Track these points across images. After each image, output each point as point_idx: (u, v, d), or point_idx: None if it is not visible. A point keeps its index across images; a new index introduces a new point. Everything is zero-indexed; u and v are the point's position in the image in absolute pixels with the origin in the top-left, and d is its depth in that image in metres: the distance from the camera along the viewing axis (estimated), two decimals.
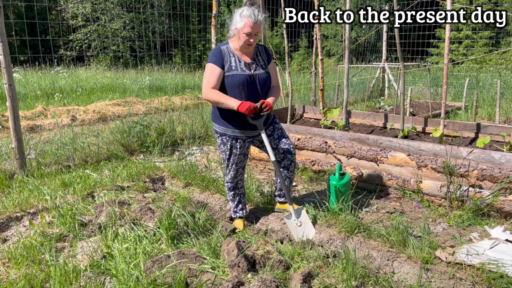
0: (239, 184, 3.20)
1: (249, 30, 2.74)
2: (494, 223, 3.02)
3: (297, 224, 2.93)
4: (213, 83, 2.83)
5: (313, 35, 5.88)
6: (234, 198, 3.22)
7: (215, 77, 2.83)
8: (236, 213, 3.24)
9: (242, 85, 2.86)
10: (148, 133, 5.30)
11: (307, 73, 15.54)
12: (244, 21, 2.73)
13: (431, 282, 2.36)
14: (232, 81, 2.85)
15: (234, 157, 3.03)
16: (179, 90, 11.09)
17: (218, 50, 2.89)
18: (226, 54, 2.88)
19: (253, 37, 2.80)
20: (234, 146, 3.00)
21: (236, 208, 3.24)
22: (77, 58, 18.84)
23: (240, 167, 3.10)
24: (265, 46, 3.08)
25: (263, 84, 2.95)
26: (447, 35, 3.93)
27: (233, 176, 3.11)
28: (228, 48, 2.91)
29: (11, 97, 4.09)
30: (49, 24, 17.89)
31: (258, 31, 2.79)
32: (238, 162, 3.06)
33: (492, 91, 8.85)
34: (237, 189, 3.20)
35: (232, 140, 2.99)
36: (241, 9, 2.79)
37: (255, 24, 2.74)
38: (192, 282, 2.42)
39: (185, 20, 21.25)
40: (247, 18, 2.73)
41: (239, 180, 3.18)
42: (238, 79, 2.84)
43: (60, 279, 2.34)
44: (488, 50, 17.48)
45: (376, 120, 5.11)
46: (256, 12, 2.74)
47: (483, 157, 3.14)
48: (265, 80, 2.96)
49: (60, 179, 4.02)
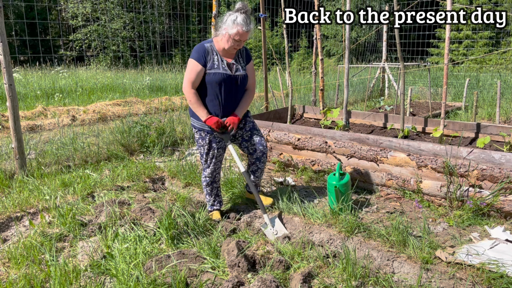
0: (216, 178, 3.32)
1: (239, 37, 2.89)
2: (494, 223, 3.02)
3: (274, 233, 3.03)
4: (192, 78, 2.97)
5: (313, 35, 5.88)
6: (211, 193, 3.33)
7: (195, 73, 2.97)
8: (213, 207, 3.37)
9: (222, 84, 3.00)
10: (148, 133, 5.31)
11: (307, 73, 15.54)
12: (237, 29, 2.87)
13: (431, 282, 2.36)
14: (213, 78, 2.98)
15: (213, 151, 3.16)
16: (179, 90, 11.10)
17: (202, 47, 3.00)
18: (209, 52, 3.01)
19: (241, 44, 2.96)
20: (213, 140, 3.13)
21: (214, 202, 3.36)
22: (77, 58, 18.85)
23: (219, 161, 3.24)
24: (245, 47, 3.22)
25: (241, 85, 3.11)
26: (447, 35, 3.93)
27: (212, 170, 3.24)
28: (212, 47, 3.03)
29: (11, 97, 4.09)
30: (49, 24, 17.89)
31: (246, 38, 2.95)
32: (217, 156, 3.19)
33: (492, 91, 8.85)
34: (214, 183, 3.31)
35: (210, 135, 3.11)
36: (234, 15, 2.90)
37: (246, 33, 2.90)
38: (192, 282, 2.42)
39: (185, 20, 21.24)
40: (241, 26, 2.86)
41: (217, 173, 3.30)
42: (219, 77, 2.98)
43: (60, 279, 2.34)
44: (488, 50, 17.48)
45: (376, 120, 5.11)
46: (249, 21, 2.90)
47: (483, 157, 3.15)
48: (244, 81, 3.13)
49: (60, 179, 4.02)
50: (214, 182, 3.30)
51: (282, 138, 4.34)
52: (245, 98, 3.20)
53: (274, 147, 4.47)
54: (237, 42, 2.92)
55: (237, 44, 2.94)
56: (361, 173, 3.79)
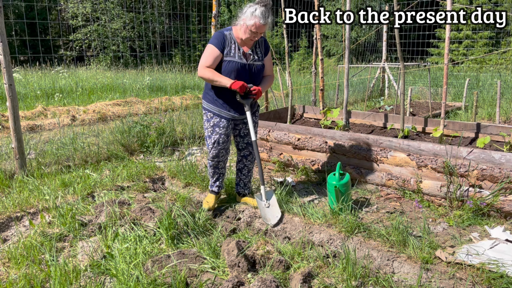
0: (220, 165, 3.40)
1: (257, 29, 2.96)
2: (494, 223, 3.02)
3: (266, 205, 3.07)
4: (209, 62, 3.02)
5: (313, 35, 5.88)
6: (213, 175, 3.45)
7: (212, 58, 3.02)
8: (212, 187, 3.49)
9: (236, 72, 3.07)
10: (148, 133, 5.30)
11: (307, 73, 15.54)
12: (255, 21, 2.92)
13: (431, 282, 2.36)
14: (228, 66, 3.05)
15: (216, 135, 3.23)
16: (179, 90, 11.10)
17: (221, 34, 3.07)
18: (228, 40, 3.07)
19: (257, 35, 3.01)
20: (217, 124, 3.21)
21: (213, 182, 3.48)
22: (77, 58, 18.84)
23: (223, 149, 3.29)
24: (265, 38, 3.26)
25: (256, 74, 3.16)
26: (447, 35, 3.93)
27: (214, 155, 3.31)
28: (231, 35, 3.09)
29: (11, 97, 4.09)
30: (49, 24, 17.89)
31: (263, 31, 3.00)
32: (221, 142, 3.25)
33: (492, 91, 8.85)
34: (217, 168, 3.41)
35: (216, 118, 3.20)
36: (254, 7, 2.95)
37: (263, 26, 2.95)
38: (192, 282, 2.42)
39: (185, 20, 21.24)
40: (258, 18, 2.92)
41: (221, 161, 3.37)
42: (234, 66, 3.05)
43: (60, 279, 2.34)
44: (488, 50, 17.48)
45: (376, 120, 5.11)
46: (267, 15, 2.95)
47: (483, 157, 3.15)
48: (259, 71, 3.18)
49: (60, 179, 4.02)
50: (217, 167, 3.40)
51: (282, 138, 4.34)
52: (265, 79, 3.28)
53: (274, 147, 4.47)
54: (253, 33, 2.98)
55: (253, 36, 3.00)
56: (361, 173, 3.79)
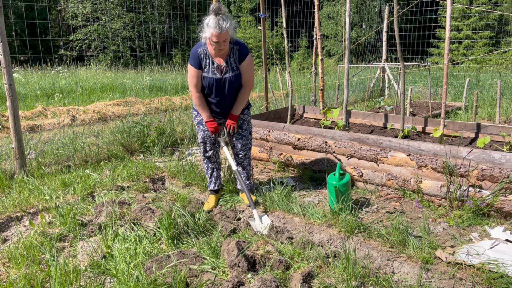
0: (212, 159, 3.55)
1: (215, 39, 2.91)
2: (494, 223, 3.02)
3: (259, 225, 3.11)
4: (195, 81, 3.17)
5: (313, 35, 5.88)
6: (207, 170, 3.60)
7: (195, 77, 3.16)
8: (209, 185, 3.62)
9: (212, 86, 3.17)
10: (148, 133, 5.30)
11: (307, 73, 15.54)
12: (211, 31, 2.89)
13: (431, 282, 2.36)
14: (204, 81, 3.17)
15: (201, 132, 3.40)
16: (179, 90, 11.10)
17: (195, 52, 3.12)
18: (202, 56, 3.12)
19: (221, 44, 2.96)
20: (200, 122, 3.38)
21: (209, 178, 3.61)
22: (77, 58, 18.84)
23: (211, 143, 3.44)
24: (242, 44, 3.19)
25: (230, 86, 3.19)
26: (447, 35, 3.93)
27: (202, 150, 3.50)
28: (204, 50, 3.12)
29: (11, 97, 4.09)
30: (49, 24, 17.89)
31: (226, 38, 2.93)
32: (206, 138, 3.40)
33: (492, 91, 8.85)
34: (210, 163, 3.56)
35: (200, 116, 3.36)
36: (207, 18, 2.92)
37: (220, 34, 2.88)
38: (192, 282, 2.42)
39: (185, 20, 21.24)
40: (213, 28, 2.87)
41: (211, 156, 3.52)
42: (209, 81, 3.15)
43: (60, 279, 2.34)
44: (488, 50, 17.48)
45: (376, 120, 5.11)
46: (221, 22, 2.86)
47: (483, 157, 3.15)
48: (233, 83, 3.19)
49: (60, 179, 4.02)
50: (209, 162, 3.55)
51: (282, 138, 4.34)
52: (240, 95, 3.29)
53: (274, 147, 4.47)
54: (216, 43, 2.94)
55: (218, 46, 2.96)
56: (361, 173, 3.79)
